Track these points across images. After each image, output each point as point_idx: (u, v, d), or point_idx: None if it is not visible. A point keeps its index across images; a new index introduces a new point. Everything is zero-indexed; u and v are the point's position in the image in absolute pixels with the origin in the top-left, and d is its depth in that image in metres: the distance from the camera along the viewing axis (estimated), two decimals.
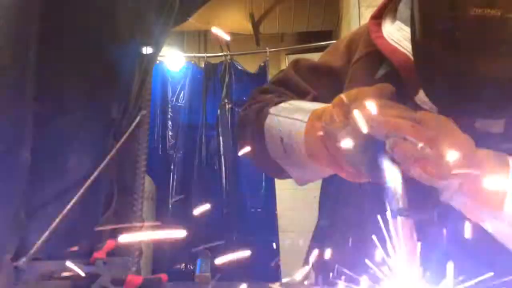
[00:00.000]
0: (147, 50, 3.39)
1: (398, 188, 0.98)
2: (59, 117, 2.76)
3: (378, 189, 1.00)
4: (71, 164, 2.94)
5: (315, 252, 1.28)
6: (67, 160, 2.93)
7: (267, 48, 5.96)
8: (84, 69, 2.73)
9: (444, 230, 1.10)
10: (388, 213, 0.95)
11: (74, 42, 2.64)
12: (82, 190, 2.69)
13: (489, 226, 1.06)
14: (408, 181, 1.00)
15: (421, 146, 1.00)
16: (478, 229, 1.05)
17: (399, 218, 0.94)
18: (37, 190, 2.59)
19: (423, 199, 1.06)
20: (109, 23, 2.62)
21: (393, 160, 1.01)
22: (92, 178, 2.79)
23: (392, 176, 0.99)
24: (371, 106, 1.03)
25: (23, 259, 2.57)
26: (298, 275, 1.07)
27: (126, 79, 3.23)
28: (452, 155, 0.99)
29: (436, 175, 1.00)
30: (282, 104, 1.32)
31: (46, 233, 2.64)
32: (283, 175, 1.33)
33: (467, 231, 1.02)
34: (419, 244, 0.92)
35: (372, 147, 1.03)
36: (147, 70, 3.36)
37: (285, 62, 6.14)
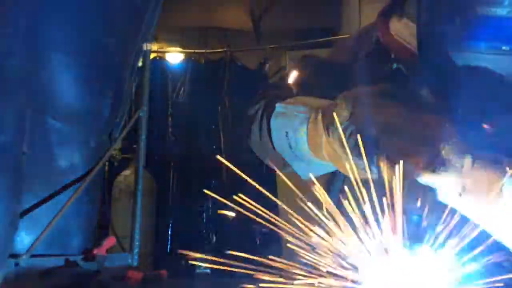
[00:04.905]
0: (139, 47, 3.38)
1: (389, 185, 0.99)
2: (50, 116, 2.76)
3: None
4: (63, 163, 2.95)
5: None
6: (60, 159, 2.94)
7: (267, 45, 5.96)
8: (76, 67, 2.72)
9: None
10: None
11: (67, 39, 2.64)
12: (79, 189, 2.69)
13: (484, 223, 1.07)
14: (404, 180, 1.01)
15: (414, 143, 1.01)
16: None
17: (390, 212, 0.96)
18: (30, 189, 2.58)
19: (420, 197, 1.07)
20: (102, 21, 2.62)
21: (387, 158, 1.02)
22: (89, 177, 2.79)
23: (386, 173, 1.01)
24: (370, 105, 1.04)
25: (23, 256, 2.59)
26: None
27: (117, 77, 3.23)
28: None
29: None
30: (288, 100, 1.33)
31: (45, 230, 2.65)
32: (288, 169, 1.35)
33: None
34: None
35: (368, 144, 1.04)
36: (144, 67, 3.32)
37: (285, 59, 6.14)
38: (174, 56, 6.16)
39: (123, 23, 2.92)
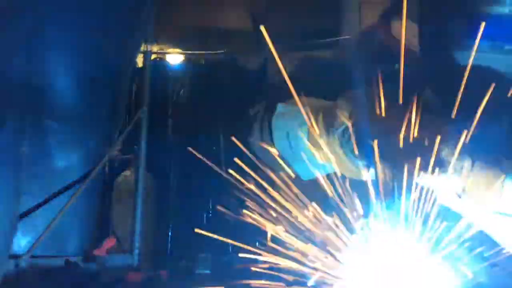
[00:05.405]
0: (136, 47, 3.39)
1: (388, 185, 1.00)
2: (48, 117, 2.77)
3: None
4: (62, 164, 2.96)
5: None
6: (59, 160, 2.95)
7: (267, 45, 5.95)
8: (73, 68, 2.74)
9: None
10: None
11: (65, 40, 2.65)
12: (79, 190, 2.69)
13: (483, 224, 1.07)
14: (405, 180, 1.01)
15: (413, 144, 1.02)
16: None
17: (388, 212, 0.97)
18: (29, 190, 2.59)
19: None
20: (99, 22, 2.63)
21: (387, 159, 1.03)
22: (89, 178, 2.80)
23: (383, 174, 1.01)
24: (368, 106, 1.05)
25: (23, 256, 2.59)
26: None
27: (115, 78, 3.24)
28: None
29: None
30: (289, 100, 1.33)
31: (46, 231, 2.65)
32: (289, 169, 1.35)
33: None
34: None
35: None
36: (144, 68, 3.33)
37: (286, 60, 6.13)
38: (174, 57, 6.15)
39: (119, 24, 2.93)
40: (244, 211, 1.09)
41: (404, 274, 1.00)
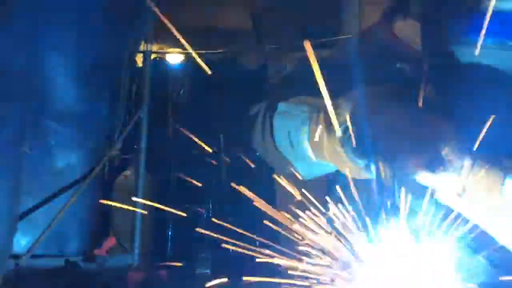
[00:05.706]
0: (134, 47, 3.40)
1: (389, 185, 1.00)
2: (47, 117, 2.77)
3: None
4: (61, 164, 2.97)
5: None
6: (58, 160, 2.95)
7: (267, 45, 5.95)
8: (72, 68, 2.74)
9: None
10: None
11: (64, 41, 2.65)
12: (79, 191, 2.69)
13: (484, 224, 1.07)
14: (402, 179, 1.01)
15: (413, 143, 1.01)
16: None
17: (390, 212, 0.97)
18: (29, 190, 2.59)
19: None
20: (97, 22, 2.63)
21: (387, 158, 1.02)
22: (88, 179, 2.80)
23: (383, 173, 1.01)
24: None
25: (23, 256, 2.59)
26: None
27: (113, 78, 3.25)
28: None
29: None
30: (291, 99, 1.33)
31: (46, 231, 2.65)
32: (290, 169, 1.35)
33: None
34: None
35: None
36: (144, 68, 3.34)
37: (286, 59, 6.14)
38: (174, 57, 6.16)
39: (116, 24, 2.94)
40: None
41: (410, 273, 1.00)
